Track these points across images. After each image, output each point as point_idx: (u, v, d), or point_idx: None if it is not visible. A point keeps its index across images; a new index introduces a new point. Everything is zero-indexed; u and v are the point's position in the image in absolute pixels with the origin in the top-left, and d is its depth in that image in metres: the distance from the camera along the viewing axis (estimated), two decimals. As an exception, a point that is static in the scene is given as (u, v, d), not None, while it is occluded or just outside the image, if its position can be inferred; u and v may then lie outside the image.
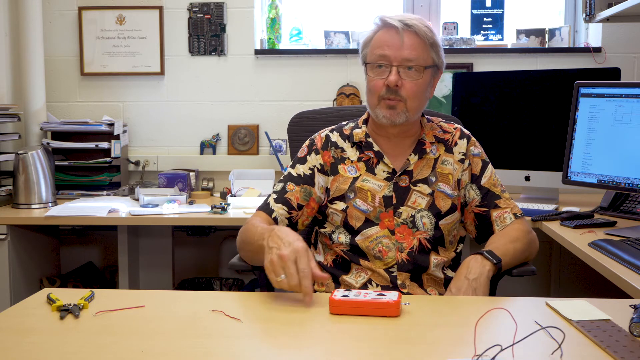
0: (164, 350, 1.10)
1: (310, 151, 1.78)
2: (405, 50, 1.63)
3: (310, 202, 1.74)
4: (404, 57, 1.63)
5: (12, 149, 2.94)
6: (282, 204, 1.72)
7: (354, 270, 1.70)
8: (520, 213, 1.75)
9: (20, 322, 1.25)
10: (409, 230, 1.68)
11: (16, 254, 2.66)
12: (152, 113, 3.26)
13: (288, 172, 1.78)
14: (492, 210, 1.73)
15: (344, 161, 1.75)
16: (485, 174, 1.77)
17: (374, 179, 1.71)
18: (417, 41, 1.64)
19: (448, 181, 1.72)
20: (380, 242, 1.68)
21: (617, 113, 2.11)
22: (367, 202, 1.69)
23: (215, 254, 3.31)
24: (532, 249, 1.73)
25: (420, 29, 1.64)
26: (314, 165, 1.76)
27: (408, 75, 1.64)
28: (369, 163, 1.73)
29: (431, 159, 1.74)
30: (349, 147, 1.76)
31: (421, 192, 1.70)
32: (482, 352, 1.03)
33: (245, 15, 3.20)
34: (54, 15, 3.24)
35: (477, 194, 1.75)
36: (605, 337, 1.12)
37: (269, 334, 1.21)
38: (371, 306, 1.25)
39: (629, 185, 2.06)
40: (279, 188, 1.76)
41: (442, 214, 1.70)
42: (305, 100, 3.17)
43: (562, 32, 3.14)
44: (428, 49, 1.66)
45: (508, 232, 1.70)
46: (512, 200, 1.77)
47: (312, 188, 1.74)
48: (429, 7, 3.26)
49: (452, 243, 1.75)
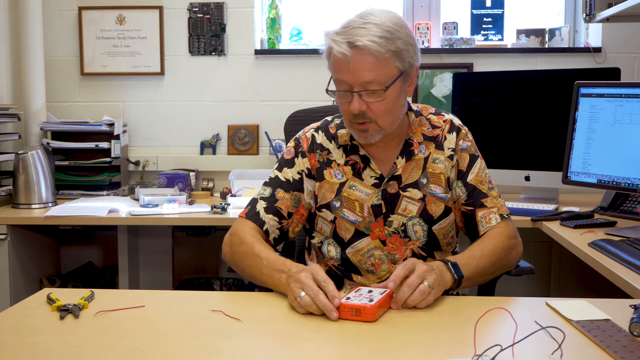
0: (164, 350, 1.10)
1: (297, 153, 1.68)
2: (361, 74, 1.47)
3: (299, 208, 1.66)
4: (363, 81, 1.48)
5: (12, 149, 2.94)
6: (273, 214, 1.63)
7: (347, 285, 1.66)
8: (507, 213, 1.64)
9: (20, 322, 1.25)
10: (400, 240, 1.62)
11: (16, 254, 2.66)
12: (152, 113, 3.26)
13: (275, 176, 1.68)
14: (477, 210, 1.62)
15: (330, 164, 1.65)
16: (472, 170, 1.65)
17: (362, 185, 1.62)
18: (372, 61, 1.46)
19: (440, 182, 1.63)
20: (372, 255, 1.62)
21: (617, 113, 2.11)
22: (355, 212, 1.62)
23: (215, 254, 3.31)
24: (512, 255, 1.61)
25: (373, 48, 1.45)
26: (302, 169, 1.66)
27: (372, 97, 1.49)
28: (356, 167, 1.64)
29: (420, 159, 1.64)
30: (335, 149, 1.66)
31: (411, 198, 1.62)
32: (482, 352, 1.03)
33: (245, 15, 3.20)
34: (54, 15, 3.24)
35: (463, 191, 1.64)
36: (605, 337, 1.12)
37: (269, 334, 1.21)
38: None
39: (629, 185, 2.06)
40: (267, 194, 1.65)
41: (434, 219, 1.62)
42: (305, 100, 3.17)
43: (562, 32, 3.14)
44: (389, 62, 1.48)
45: (481, 242, 1.58)
46: (500, 199, 1.66)
47: (302, 194, 1.66)
48: (429, 7, 3.26)
49: (451, 244, 1.70)
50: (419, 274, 1.33)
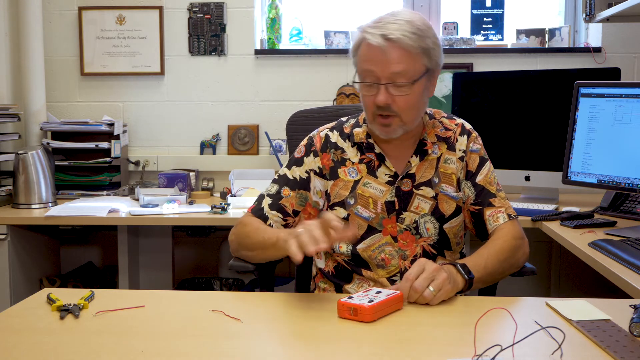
0: (164, 350, 1.10)
1: (308, 152, 1.71)
2: (391, 66, 1.51)
3: (306, 207, 1.70)
4: (392, 73, 1.51)
5: (12, 149, 2.94)
6: (277, 210, 1.68)
7: (356, 280, 1.67)
8: (514, 214, 1.68)
9: (20, 322, 1.25)
10: (412, 237, 1.64)
11: (16, 254, 2.66)
12: (152, 113, 3.26)
13: (284, 174, 1.72)
14: (485, 209, 1.66)
15: (344, 163, 1.68)
16: (481, 171, 1.69)
17: (376, 182, 1.65)
18: (403, 54, 1.51)
19: (451, 182, 1.67)
20: (382, 250, 1.64)
21: (617, 113, 2.11)
22: (369, 208, 1.64)
23: (215, 254, 3.31)
24: (519, 255, 1.63)
25: (404, 42, 1.50)
26: (311, 168, 1.70)
27: (398, 91, 1.53)
28: (371, 165, 1.67)
29: (433, 159, 1.68)
30: (350, 147, 1.69)
31: (424, 196, 1.65)
32: (482, 352, 1.03)
33: (245, 15, 3.20)
34: (54, 15, 3.24)
35: (472, 191, 1.68)
36: (605, 337, 1.12)
37: (269, 334, 1.21)
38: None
39: (629, 185, 2.06)
40: (274, 191, 1.70)
41: (445, 217, 1.65)
42: (305, 100, 3.17)
43: (562, 32, 3.14)
44: (417, 58, 1.53)
45: (488, 243, 1.60)
46: (508, 201, 1.71)
47: (308, 193, 1.69)
48: (429, 7, 3.26)
49: (459, 244, 1.72)
50: (427, 275, 1.34)
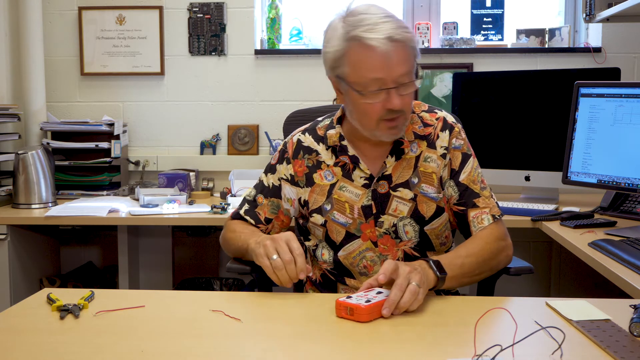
0: (164, 350, 1.10)
1: (281, 159, 1.69)
2: (399, 68, 1.45)
3: (279, 214, 1.70)
4: (400, 74, 1.46)
5: (12, 149, 2.94)
6: (251, 217, 1.71)
7: (341, 290, 1.65)
8: (498, 214, 1.60)
9: (20, 322, 1.25)
10: (392, 241, 1.60)
11: (16, 254, 2.66)
12: (152, 113, 3.26)
13: (261, 180, 1.72)
14: (469, 210, 1.59)
15: (319, 166, 1.64)
16: (464, 169, 1.61)
17: (352, 186, 1.60)
18: (405, 53, 1.46)
19: (432, 181, 1.60)
20: (364, 257, 1.61)
21: (617, 113, 2.11)
22: (345, 214, 1.60)
23: (215, 254, 3.31)
24: (501, 257, 1.58)
25: (406, 39, 1.45)
26: (283, 175, 1.67)
27: (405, 90, 1.48)
28: (345, 168, 1.61)
29: (412, 157, 1.60)
30: (324, 150, 1.64)
31: (402, 198, 1.59)
32: (482, 352, 1.03)
33: (245, 15, 3.20)
34: (54, 15, 3.24)
35: (455, 191, 1.60)
36: (605, 337, 1.12)
37: (269, 334, 1.21)
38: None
39: (629, 185, 2.06)
40: (252, 197, 1.72)
41: (425, 219, 1.59)
42: (305, 100, 3.17)
43: (562, 32, 3.14)
44: (412, 53, 1.49)
45: (469, 242, 1.56)
46: (493, 199, 1.62)
47: (280, 201, 1.68)
48: (429, 7, 3.26)
49: (445, 244, 1.67)
50: (404, 276, 1.29)
